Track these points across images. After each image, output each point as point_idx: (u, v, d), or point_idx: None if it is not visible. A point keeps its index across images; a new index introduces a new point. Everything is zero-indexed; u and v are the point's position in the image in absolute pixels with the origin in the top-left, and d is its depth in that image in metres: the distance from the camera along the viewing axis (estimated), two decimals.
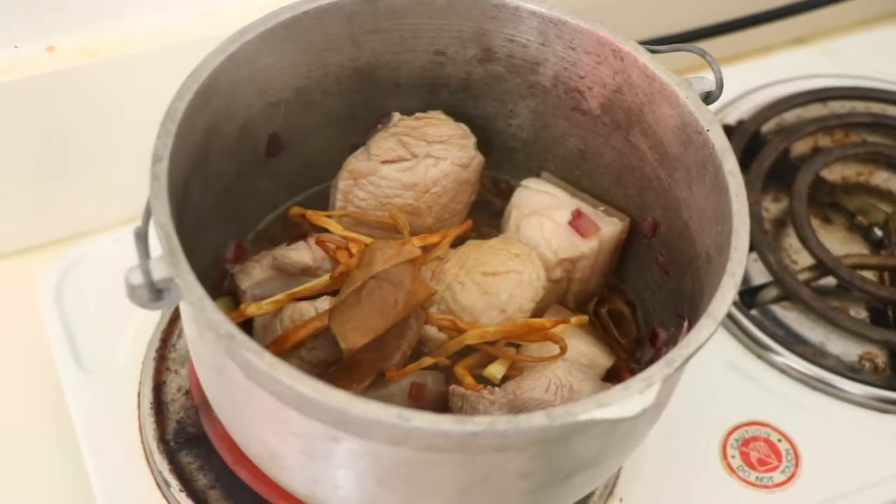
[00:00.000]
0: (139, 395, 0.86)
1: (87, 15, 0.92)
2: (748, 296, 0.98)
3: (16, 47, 0.90)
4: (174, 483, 0.81)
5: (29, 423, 0.90)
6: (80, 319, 0.90)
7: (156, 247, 0.61)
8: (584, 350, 0.80)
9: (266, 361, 0.59)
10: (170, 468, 0.81)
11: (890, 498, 0.87)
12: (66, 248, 0.96)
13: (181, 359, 0.87)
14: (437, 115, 0.85)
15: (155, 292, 0.61)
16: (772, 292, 0.98)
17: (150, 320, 0.90)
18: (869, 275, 0.99)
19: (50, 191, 0.98)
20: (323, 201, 0.85)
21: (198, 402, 0.83)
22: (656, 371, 0.61)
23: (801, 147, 1.11)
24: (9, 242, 1.00)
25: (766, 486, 0.87)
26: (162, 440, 0.83)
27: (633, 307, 0.86)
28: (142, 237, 0.61)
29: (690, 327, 0.65)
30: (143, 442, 0.84)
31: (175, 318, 0.90)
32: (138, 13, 0.94)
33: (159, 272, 0.61)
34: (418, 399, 0.75)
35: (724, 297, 0.65)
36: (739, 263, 0.66)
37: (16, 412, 0.91)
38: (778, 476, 0.87)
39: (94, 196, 1.00)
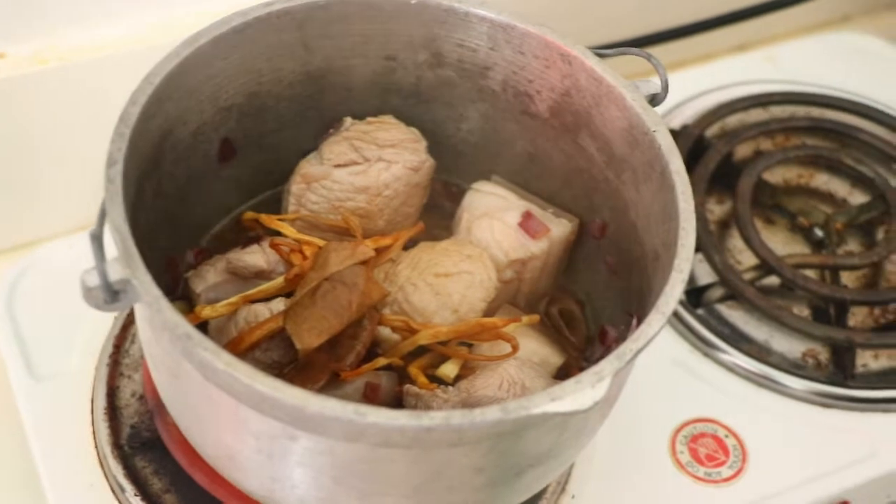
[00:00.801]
0: (92, 400, 0.86)
1: (39, 22, 0.92)
2: (694, 295, 1.00)
3: None
4: (129, 488, 0.81)
5: None
6: (32, 326, 0.90)
7: (110, 250, 0.62)
8: (535, 349, 0.81)
9: (224, 360, 0.59)
10: (124, 473, 0.81)
11: (835, 490, 0.89)
12: (18, 256, 0.95)
13: (134, 364, 0.87)
14: (389, 120, 0.86)
15: (111, 294, 0.62)
16: (717, 292, 1.00)
17: (102, 327, 0.90)
18: (811, 273, 1.02)
19: (2, 198, 0.98)
20: (276, 205, 0.86)
21: (152, 407, 0.83)
22: (607, 365, 0.62)
23: (743, 150, 1.13)
24: None
25: (715, 481, 0.88)
26: (116, 445, 0.83)
27: (582, 306, 0.87)
28: (97, 239, 0.62)
29: (639, 324, 0.67)
30: (96, 447, 0.84)
31: (128, 324, 0.90)
32: (90, 21, 0.94)
33: (115, 273, 0.61)
34: (373, 399, 0.76)
35: (672, 293, 0.66)
36: (686, 259, 0.68)
37: None
38: (726, 471, 0.89)
39: (47, 203, 1.00)
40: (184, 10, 0.97)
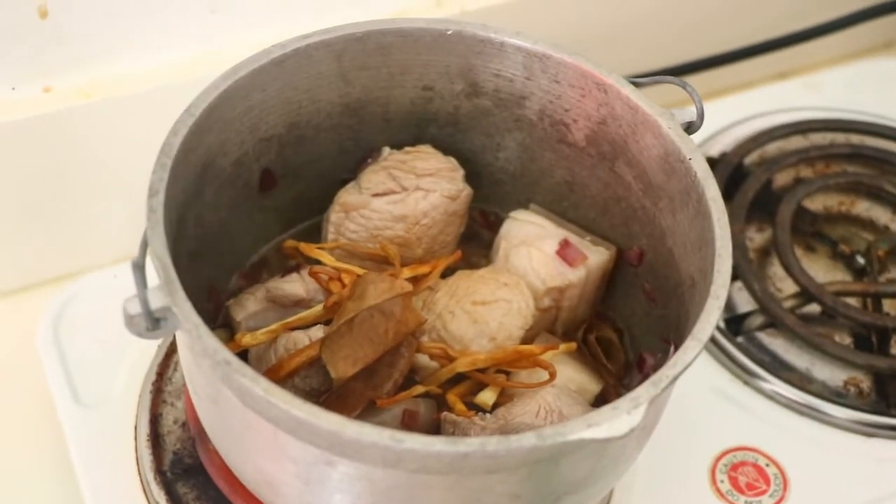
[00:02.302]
0: (136, 427, 0.87)
1: (84, 56, 0.93)
2: (734, 323, 1.00)
3: (13, 88, 0.92)
4: None
5: (27, 456, 0.91)
6: (77, 355, 0.91)
7: (152, 278, 0.63)
8: (572, 376, 0.81)
9: (262, 387, 0.60)
10: (167, 499, 0.82)
11: None
12: (63, 286, 0.97)
13: (177, 391, 0.88)
14: (426, 149, 0.86)
15: (152, 321, 0.63)
16: (757, 319, 0.99)
17: (146, 354, 0.91)
18: (852, 301, 1.01)
19: (47, 230, 1.00)
20: (316, 234, 0.87)
21: (194, 433, 0.84)
22: (643, 391, 0.62)
23: (783, 178, 1.13)
24: (7, 281, 1.02)
25: None
26: (159, 471, 0.84)
27: (620, 334, 0.87)
28: (139, 267, 0.63)
29: (677, 351, 0.67)
30: (140, 474, 0.85)
31: (171, 352, 0.91)
32: (134, 54, 0.95)
33: (156, 301, 0.62)
34: (411, 426, 0.76)
35: (709, 319, 0.66)
36: (723, 286, 0.68)
37: (14, 447, 0.92)
38: (767, 500, 0.88)
39: (92, 234, 1.01)
40: (222, 44, 0.98)
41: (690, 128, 0.78)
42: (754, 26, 1.26)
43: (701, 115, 0.77)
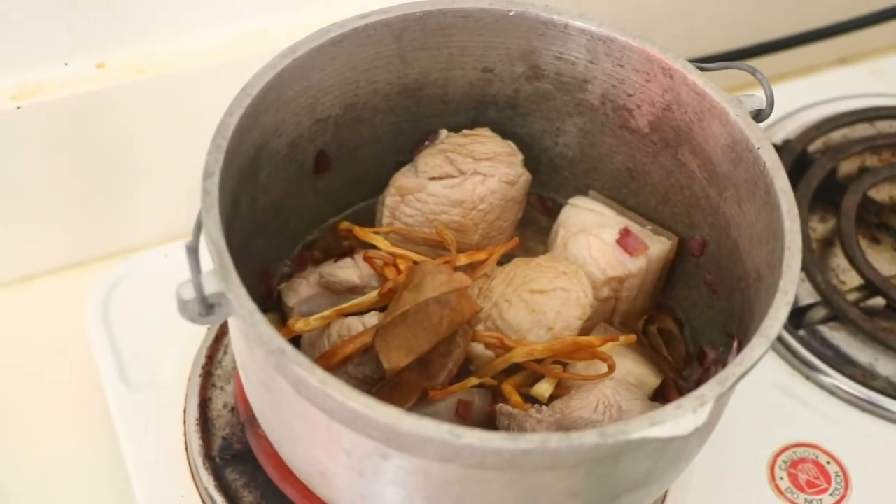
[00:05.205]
0: (185, 411, 0.86)
1: (137, 32, 0.92)
2: (796, 316, 0.97)
3: (66, 64, 0.91)
4: (220, 500, 0.81)
5: (75, 438, 0.91)
6: (126, 335, 0.90)
7: (206, 261, 0.61)
8: (631, 369, 0.79)
9: (317, 377, 0.58)
10: (215, 485, 0.81)
11: None
12: (113, 264, 0.96)
13: (227, 375, 0.87)
14: (485, 133, 0.85)
15: (206, 307, 0.61)
16: (820, 312, 0.97)
17: (195, 337, 0.90)
18: None
19: (98, 207, 0.99)
20: (370, 217, 0.86)
21: (244, 419, 0.83)
22: (709, 390, 0.60)
23: (848, 167, 1.10)
24: (58, 258, 1.01)
25: None
26: (208, 457, 0.83)
27: (681, 325, 0.85)
28: (193, 251, 0.61)
29: (740, 347, 0.65)
30: (188, 458, 0.84)
31: (221, 335, 0.90)
32: (188, 30, 0.94)
33: (210, 287, 0.61)
34: (465, 417, 0.75)
35: (777, 316, 0.64)
36: (792, 281, 0.65)
37: (62, 427, 0.91)
38: (827, 499, 0.86)
39: (143, 212, 1.01)
40: (278, 20, 0.97)
41: (759, 115, 0.75)
42: (816, 10, 1.23)
43: (771, 103, 0.75)
